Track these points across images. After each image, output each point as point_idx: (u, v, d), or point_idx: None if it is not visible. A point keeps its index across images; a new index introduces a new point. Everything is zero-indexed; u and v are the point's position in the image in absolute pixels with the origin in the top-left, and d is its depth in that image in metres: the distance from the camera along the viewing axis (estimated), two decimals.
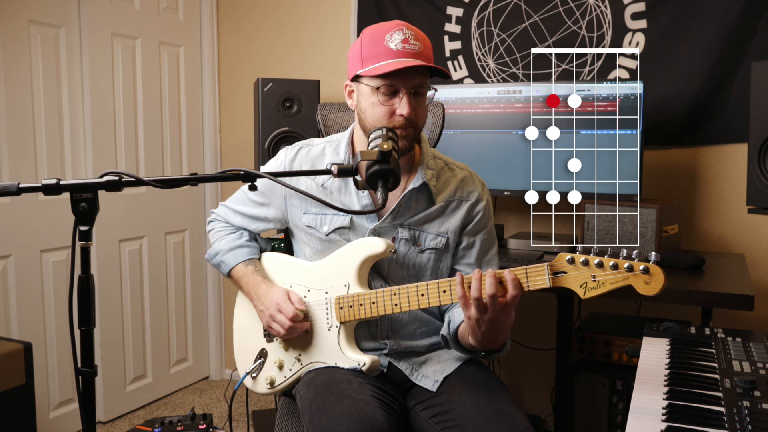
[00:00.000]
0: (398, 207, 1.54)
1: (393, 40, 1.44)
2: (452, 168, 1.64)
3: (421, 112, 1.49)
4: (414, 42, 1.45)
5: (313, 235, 1.59)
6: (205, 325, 3.49)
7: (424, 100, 1.50)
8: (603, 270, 1.26)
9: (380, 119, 1.46)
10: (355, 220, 1.56)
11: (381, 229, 1.55)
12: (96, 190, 1.08)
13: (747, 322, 2.37)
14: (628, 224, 2.23)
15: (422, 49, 1.46)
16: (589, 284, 1.28)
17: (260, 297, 1.59)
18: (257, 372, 1.62)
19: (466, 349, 1.50)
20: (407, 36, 1.44)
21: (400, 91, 1.45)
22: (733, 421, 1.02)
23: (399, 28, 1.46)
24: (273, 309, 1.54)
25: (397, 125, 1.45)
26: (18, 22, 2.54)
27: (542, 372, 2.77)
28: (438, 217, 1.57)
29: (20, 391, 2.17)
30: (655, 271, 1.21)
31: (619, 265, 1.24)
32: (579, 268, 1.28)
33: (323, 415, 1.34)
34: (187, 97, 3.29)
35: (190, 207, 3.36)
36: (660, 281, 1.21)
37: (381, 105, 1.46)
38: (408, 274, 1.57)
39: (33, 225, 2.63)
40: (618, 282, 1.25)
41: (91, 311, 1.10)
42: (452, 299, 1.40)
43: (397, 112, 1.45)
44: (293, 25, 3.20)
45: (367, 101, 1.48)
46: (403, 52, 1.43)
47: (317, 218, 1.58)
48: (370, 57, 1.45)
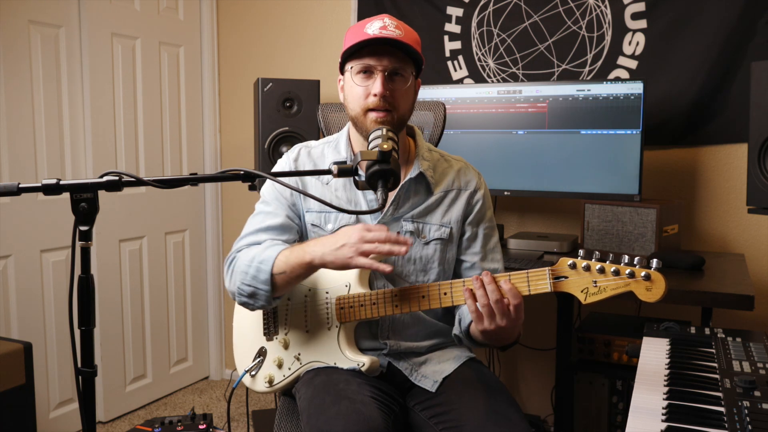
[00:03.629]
0: (397, 198, 1.55)
1: (372, 26, 1.46)
2: (448, 160, 1.66)
3: (399, 95, 1.48)
4: (393, 29, 1.46)
5: (318, 234, 1.58)
6: (205, 325, 3.49)
7: (403, 85, 1.49)
8: (604, 275, 1.26)
9: (357, 100, 1.48)
10: (359, 218, 1.56)
11: (384, 224, 1.55)
12: (96, 190, 1.08)
13: (747, 322, 2.37)
14: (628, 224, 2.23)
15: (401, 36, 1.46)
16: (591, 289, 1.27)
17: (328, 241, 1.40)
18: (256, 370, 1.62)
19: (480, 344, 1.52)
20: (386, 24, 1.47)
21: (374, 71, 1.46)
22: (733, 421, 1.02)
23: (381, 18, 1.48)
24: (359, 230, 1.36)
25: (371, 105, 1.46)
26: (18, 22, 2.54)
27: (542, 372, 2.77)
28: (438, 207, 1.59)
29: (20, 391, 2.17)
30: (657, 278, 1.21)
31: (620, 271, 1.24)
32: (580, 273, 1.28)
33: (321, 415, 1.34)
34: (187, 97, 3.29)
35: (190, 207, 3.36)
36: (661, 288, 1.21)
37: (357, 86, 1.48)
38: (415, 268, 1.57)
39: (33, 225, 2.63)
40: (619, 288, 1.25)
41: (91, 311, 1.10)
42: (453, 301, 1.41)
43: (372, 91, 1.46)
44: (293, 25, 3.20)
45: (349, 86, 1.51)
46: (379, 37, 1.44)
47: (320, 216, 1.58)
48: (348, 43, 1.48)
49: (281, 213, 1.58)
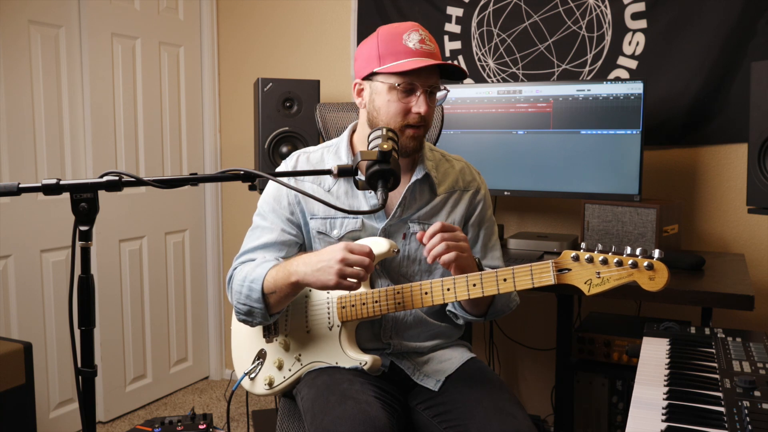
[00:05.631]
0: (404, 200, 1.56)
1: (411, 39, 1.47)
2: (449, 159, 1.68)
3: (432, 111, 1.53)
4: (429, 43, 1.49)
5: (324, 240, 1.58)
6: (205, 325, 3.49)
7: (436, 101, 1.53)
8: (607, 266, 1.27)
9: (395, 116, 1.48)
10: (365, 221, 1.56)
11: (391, 228, 1.56)
12: (96, 190, 1.08)
13: (747, 322, 2.37)
14: (628, 224, 2.23)
15: (436, 50, 1.50)
16: (594, 281, 1.28)
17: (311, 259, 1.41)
18: (255, 373, 1.62)
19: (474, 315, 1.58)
20: (423, 37, 1.48)
21: (417, 89, 1.47)
22: (733, 421, 1.02)
23: (415, 28, 1.49)
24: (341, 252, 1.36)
25: (412, 123, 1.48)
26: (18, 22, 2.54)
27: (542, 372, 2.77)
28: (443, 208, 1.60)
29: (20, 391, 2.17)
30: (659, 267, 1.22)
31: (623, 261, 1.25)
32: (583, 265, 1.29)
33: (325, 416, 1.34)
34: (187, 97, 3.29)
35: (190, 207, 3.36)
36: (664, 277, 1.22)
37: (397, 102, 1.48)
38: (420, 268, 1.58)
39: (33, 225, 2.63)
40: (622, 278, 1.26)
41: (91, 311, 1.10)
42: (456, 297, 1.41)
43: (414, 110, 1.47)
44: (293, 25, 3.20)
45: (382, 99, 1.49)
46: (421, 52, 1.46)
47: (326, 222, 1.57)
48: (388, 55, 1.47)
49: (277, 227, 1.58)
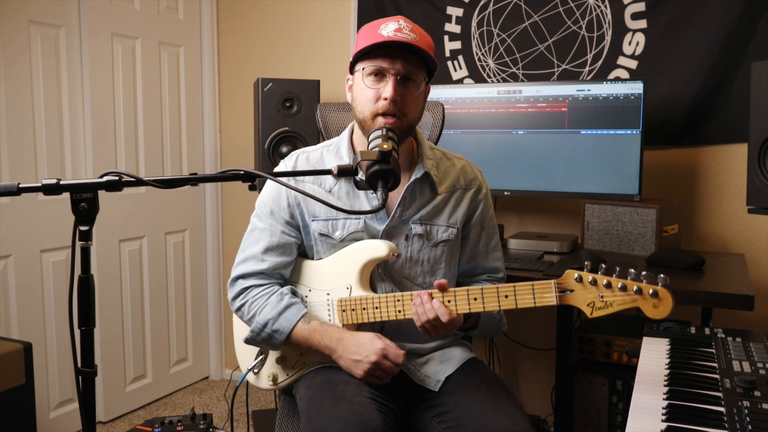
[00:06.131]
0: (403, 200, 1.54)
1: (387, 28, 1.43)
2: (450, 158, 1.66)
3: (409, 101, 1.46)
4: (408, 32, 1.43)
5: (326, 242, 1.56)
6: (205, 325, 3.49)
7: (415, 91, 1.47)
8: (611, 291, 1.25)
9: (366, 103, 1.45)
10: (368, 223, 1.54)
11: (392, 229, 1.54)
12: (96, 190, 1.08)
13: (747, 322, 2.37)
14: (628, 224, 2.23)
15: (416, 40, 1.43)
16: (597, 304, 1.27)
17: (349, 346, 1.45)
18: (259, 368, 1.62)
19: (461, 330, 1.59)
20: (401, 26, 1.43)
21: (386, 74, 1.43)
22: (733, 421, 1.02)
23: (396, 20, 1.46)
24: (377, 356, 1.42)
25: (381, 110, 1.43)
26: (18, 22, 2.54)
27: (542, 372, 2.77)
28: (445, 207, 1.58)
29: (20, 391, 2.17)
30: (664, 296, 1.21)
31: (627, 286, 1.24)
32: (587, 287, 1.27)
33: (319, 417, 1.34)
34: (187, 97, 3.29)
35: (190, 207, 3.36)
36: (668, 306, 1.21)
37: (368, 89, 1.45)
38: (422, 269, 1.57)
39: (33, 225, 2.63)
40: (626, 303, 1.25)
41: (91, 311, 1.10)
42: (457, 309, 1.40)
43: (382, 95, 1.43)
44: (293, 25, 3.20)
45: (358, 87, 1.48)
46: (393, 38, 1.41)
47: (328, 224, 1.56)
48: (361, 43, 1.45)
49: (277, 230, 1.56)
